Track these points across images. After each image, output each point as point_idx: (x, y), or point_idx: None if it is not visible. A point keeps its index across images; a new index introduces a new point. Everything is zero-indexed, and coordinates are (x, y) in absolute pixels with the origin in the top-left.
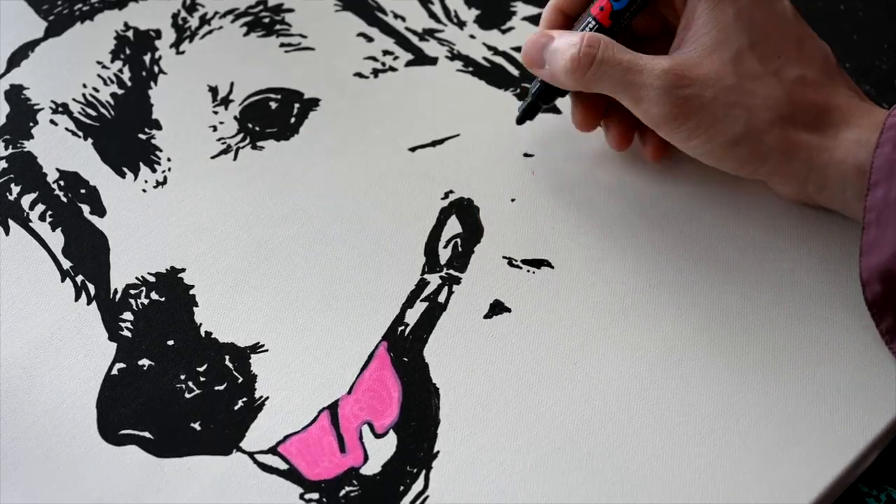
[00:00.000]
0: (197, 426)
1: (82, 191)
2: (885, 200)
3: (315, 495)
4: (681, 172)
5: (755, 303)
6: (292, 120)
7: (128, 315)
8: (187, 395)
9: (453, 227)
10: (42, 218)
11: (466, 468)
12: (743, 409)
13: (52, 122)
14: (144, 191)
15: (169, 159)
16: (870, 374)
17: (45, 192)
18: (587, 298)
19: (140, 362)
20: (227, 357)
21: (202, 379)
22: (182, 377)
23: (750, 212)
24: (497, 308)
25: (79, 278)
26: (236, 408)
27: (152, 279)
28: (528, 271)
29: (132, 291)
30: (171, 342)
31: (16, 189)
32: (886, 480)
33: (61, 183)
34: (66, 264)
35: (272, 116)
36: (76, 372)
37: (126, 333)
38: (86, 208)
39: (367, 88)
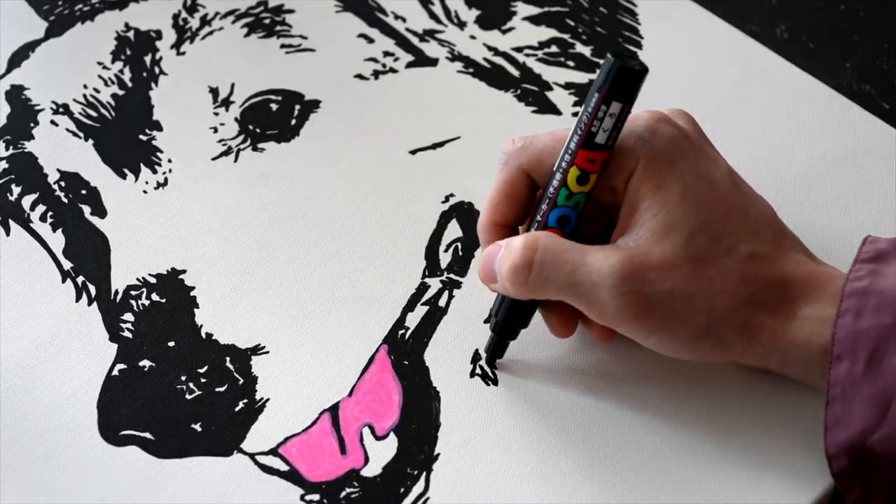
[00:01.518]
0: (198, 427)
1: (83, 192)
2: (851, 375)
3: (316, 497)
4: None
5: None
6: (293, 121)
7: (129, 316)
8: (188, 397)
9: (454, 230)
10: (43, 219)
11: (467, 470)
12: (744, 408)
13: (52, 122)
14: (145, 192)
15: (170, 160)
16: None
17: (46, 192)
18: None
19: (141, 363)
20: (227, 358)
21: (203, 380)
22: (183, 378)
23: None
24: None
25: (79, 279)
26: (237, 409)
27: (153, 280)
28: None
29: (133, 292)
30: (171, 343)
31: (17, 190)
32: None
33: (62, 184)
34: (67, 265)
35: (273, 118)
36: (77, 373)
37: (127, 334)
38: (87, 209)
39: (368, 90)
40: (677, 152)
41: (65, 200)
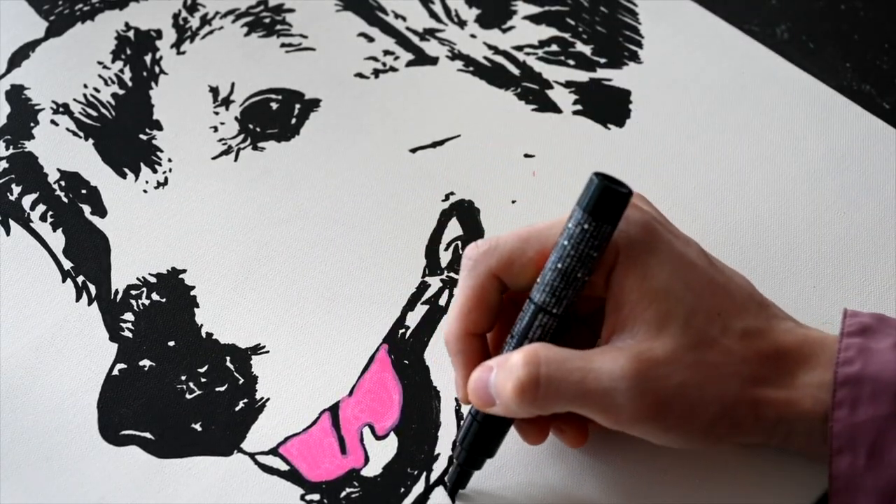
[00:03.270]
0: (198, 427)
1: (83, 191)
2: (853, 469)
3: (316, 496)
4: None
5: None
6: (293, 120)
7: (129, 316)
8: (188, 396)
9: (454, 229)
10: (43, 218)
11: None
12: None
13: (52, 122)
14: (145, 191)
15: (170, 160)
16: None
17: (46, 192)
18: None
19: (141, 363)
20: (228, 358)
21: (203, 380)
22: (183, 378)
23: None
24: None
25: (80, 279)
26: (237, 409)
27: (153, 280)
28: None
29: (133, 292)
30: (172, 343)
31: (17, 189)
32: None
33: (62, 183)
34: (67, 265)
35: (273, 117)
36: (77, 372)
37: (127, 334)
38: (87, 209)
39: (368, 89)
40: (653, 238)
41: (65, 200)
